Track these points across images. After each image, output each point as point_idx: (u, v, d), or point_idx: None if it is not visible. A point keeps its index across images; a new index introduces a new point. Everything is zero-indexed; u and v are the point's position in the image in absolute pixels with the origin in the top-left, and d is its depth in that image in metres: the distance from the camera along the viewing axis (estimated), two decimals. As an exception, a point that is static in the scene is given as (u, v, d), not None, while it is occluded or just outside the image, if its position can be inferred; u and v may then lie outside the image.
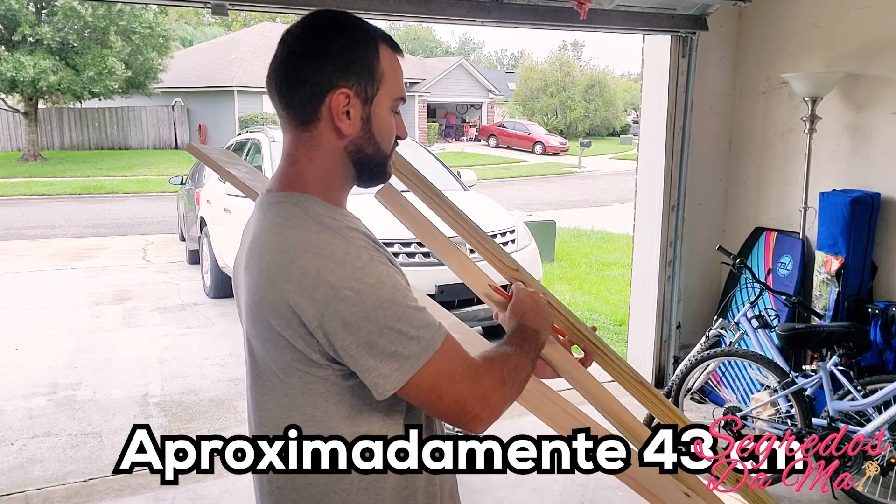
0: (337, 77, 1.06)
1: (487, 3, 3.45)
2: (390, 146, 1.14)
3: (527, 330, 1.20)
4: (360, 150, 1.10)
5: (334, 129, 1.07)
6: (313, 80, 1.06)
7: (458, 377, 1.03)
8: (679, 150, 4.16)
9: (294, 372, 1.05)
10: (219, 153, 1.85)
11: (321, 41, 1.06)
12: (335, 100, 1.06)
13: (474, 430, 1.05)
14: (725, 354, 3.49)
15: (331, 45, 1.06)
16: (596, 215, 12.63)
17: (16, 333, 5.82)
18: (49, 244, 10.17)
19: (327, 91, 1.06)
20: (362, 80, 1.07)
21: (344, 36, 1.07)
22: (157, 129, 25.95)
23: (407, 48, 50.59)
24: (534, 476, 3.39)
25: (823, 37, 3.76)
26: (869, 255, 3.53)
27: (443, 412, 1.04)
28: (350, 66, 1.06)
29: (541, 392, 1.26)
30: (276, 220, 1.05)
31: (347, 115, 1.07)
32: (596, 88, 36.99)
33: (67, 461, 3.60)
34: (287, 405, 1.07)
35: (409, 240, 4.73)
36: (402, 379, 1.00)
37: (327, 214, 1.05)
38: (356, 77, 1.06)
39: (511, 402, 1.11)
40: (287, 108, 1.09)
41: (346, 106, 1.06)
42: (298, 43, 1.07)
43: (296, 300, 0.99)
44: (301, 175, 1.10)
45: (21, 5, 19.13)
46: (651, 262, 4.35)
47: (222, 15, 3.12)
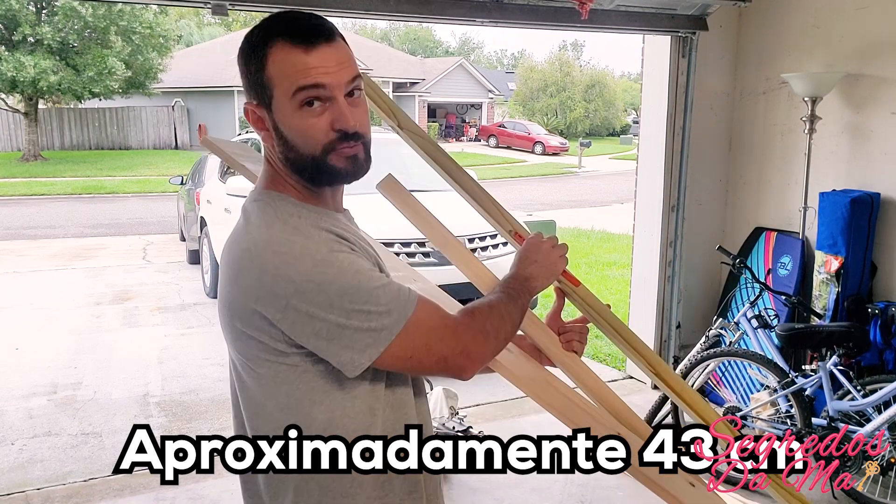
0: (245, 94, 1.12)
1: (487, 3, 3.45)
2: (315, 146, 1.07)
3: (518, 277, 1.24)
4: (287, 158, 1.10)
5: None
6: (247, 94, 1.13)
7: (435, 336, 1.07)
8: (679, 150, 4.16)
9: (263, 363, 1.07)
10: (232, 146, 1.88)
11: (238, 61, 1.12)
12: (246, 115, 1.12)
13: (462, 378, 1.11)
14: (725, 354, 3.50)
15: (239, 66, 1.11)
16: (596, 215, 12.63)
17: (16, 333, 5.82)
18: (49, 244, 10.17)
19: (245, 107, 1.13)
20: (258, 92, 1.09)
21: (242, 54, 1.10)
22: (157, 129, 25.94)
23: (407, 48, 50.58)
24: (534, 476, 3.39)
25: (823, 37, 3.76)
26: (869, 255, 3.53)
27: (427, 370, 1.10)
28: (247, 84, 1.10)
29: (548, 382, 1.26)
30: (248, 218, 1.10)
31: (265, 126, 1.10)
32: (596, 88, 36.99)
33: (67, 461, 3.61)
34: (263, 395, 1.09)
35: (409, 240, 4.73)
36: (378, 350, 1.03)
37: (297, 214, 1.08)
38: (254, 91, 1.09)
39: (498, 350, 1.16)
40: None
41: (260, 119, 1.10)
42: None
43: (256, 297, 1.02)
44: (278, 174, 1.12)
45: (21, 5, 19.13)
46: (651, 262, 4.35)
47: (222, 15, 3.13)
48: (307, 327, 1.01)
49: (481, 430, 3.62)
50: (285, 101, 1.06)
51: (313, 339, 1.02)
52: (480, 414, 4.09)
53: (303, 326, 1.01)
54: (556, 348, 1.34)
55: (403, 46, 51.30)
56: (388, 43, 49.53)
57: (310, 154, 1.07)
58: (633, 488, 3.26)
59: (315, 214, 1.09)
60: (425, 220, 1.38)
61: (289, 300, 1.00)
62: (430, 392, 3.75)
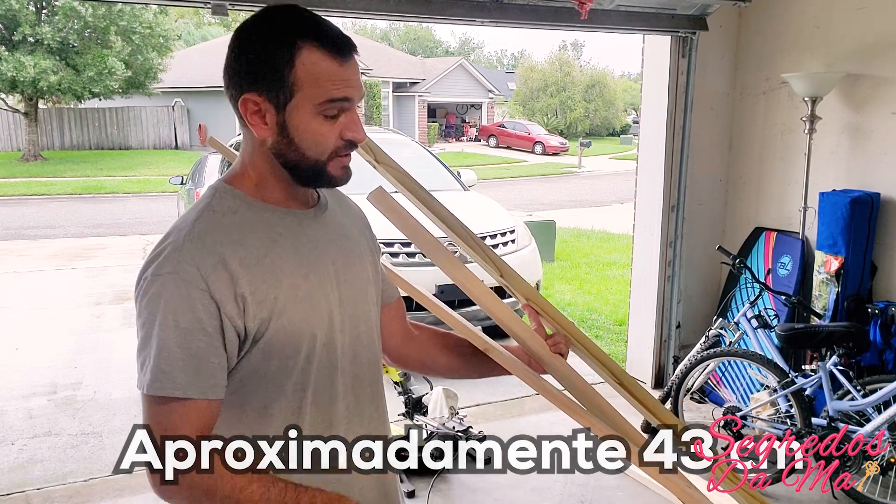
0: (245, 84, 1.06)
1: (487, 3, 3.45)
2: (322, 151, 1.08)
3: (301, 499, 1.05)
4: (282, 155, 1.09)
5: (252, 132, 1.09)
6: (233, 83, 1.08)
7: (156, 433, 1.02)
8: (679, 150, 4.16)
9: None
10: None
11: (240, 48, 1.07)
12: (243, 105, 1.07)
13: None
14: (725, 354, 3.50)
15: (246, 51, 1.06)
16: (596, 215, 12.62)
17: (16, 333, 5.82)
18: (49, 244, 10.16)
19: (239, 95, 1.07)
20: (272, 87, 1.05)
21: (257, 42, 1.06)
22: (157, 129, 25.93)
23: (407, 48, 50.56)
24: (534, 476, 3.38)
25: (823, 37, 3.76)
26: (869, 255, 3.53)
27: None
28: (258, 74, 1.05)
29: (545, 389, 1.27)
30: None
31: (263, 121, 1.07)
32: (596, 88, 36.96)
33: (67, 461, 3.61)
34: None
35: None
36: (140, 387, 1.03)
37: (223, 209, 1.08)
38: (265, 84, 1.05)
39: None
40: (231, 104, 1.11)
41: (259, 112, 1.06)
42: (230, 43, 1.09)
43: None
44: (240, 167, 1.13)
45: (21, 5, 19.11)
46: (651, 261, 4.35)
47: (222, 15, 3.12)
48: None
49: (481, 430, 3.62)
50: (308, 105, 1.05)
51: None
52: (481, 414, 4.09)
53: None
54: (545, 351, 1.35)
55: (403, 46, 51.27)
56: (388, 43, 49.50)
57: (315, 158, 1.08)
58: (633, 488, 3.26)
59: (251, 212, 1.09)
60: (414, 229, 1.38)
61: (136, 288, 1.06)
62: (430, 392, 3.75)
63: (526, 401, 4.26)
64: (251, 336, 1.05)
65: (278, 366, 1.08)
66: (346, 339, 1.15)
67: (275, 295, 1.06)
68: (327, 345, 1.12)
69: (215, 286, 1.01)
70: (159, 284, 1.00)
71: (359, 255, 1.22)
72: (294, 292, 1.07)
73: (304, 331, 1.08)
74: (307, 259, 1.11)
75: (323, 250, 1.14)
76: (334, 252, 1.16)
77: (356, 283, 1.18)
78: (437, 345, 1.39)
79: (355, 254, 1.21)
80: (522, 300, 1.40)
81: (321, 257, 1.13)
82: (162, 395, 1.01)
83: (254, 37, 1.06)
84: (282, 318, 1.06)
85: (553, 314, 1.43)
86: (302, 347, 1.09)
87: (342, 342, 1.14)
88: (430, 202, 1.45)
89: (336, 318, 1.13)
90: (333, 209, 1.22)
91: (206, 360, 1.01)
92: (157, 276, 1.01)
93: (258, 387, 1.09)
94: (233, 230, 1.06)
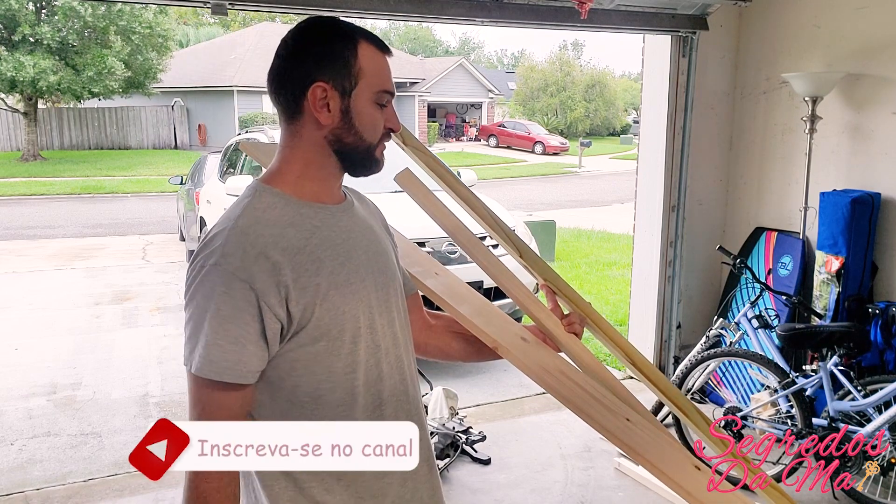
0: (315, 72, 1.16)
1: (487, 3, 3.45)
2: (375, 136, 1.20)
3: None
4: (339, 140, 1.18)
5: (315, 120, 1.17)
6: (296, 76, 1.17)
7: (191, 412, 1.11)
8: (679, 150, 4.16)
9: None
10: (269, 147, 1.93)
11: (302, 43, 1.18)
12: (312, 92, 1.16)
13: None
14: (726, 354, 3.49)
15: (310, 46, 1.17)
16: (596, 215, 12.62)
17: (16, 333, 5.82)
18: (49, 244, 10.16)
19: (307, 85, 1.16)
20: (338, 74, 1.16)
21: (322, 37, 1.18)
22: (157, 129, 25.94)
23: (407, 48, 50.56)
24: (534, 476, 3.39)
25: (823, 37, 3.76)
26: (869, 255, 3.53)
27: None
28: (326, 63, 1.16)
29: (561, 371, 1.34)
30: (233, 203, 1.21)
31: (327, 108, 1.16)
32: (596, 88, 36.96)
33: (67, 461, 3.60)
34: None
35: (421, 239, 4.71)
36: (186, 365, 1.11)
37: (263, 205, 1.16)
38: (332, 72, 1.16)
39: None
40: (278, 105, 1.20)
41: (325, 98, 1.16)
42: (284, 46, 1.19)
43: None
44: (279, 166, 1.21)
45: (21, 5, 19.11)
46: (651, 262, 4.35)
47: (222, 15, 3.13)
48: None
49: (481, 431, 3.62)
50: (368, 93, 1.17)
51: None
52: (481, 414, 4.09)
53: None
54: (560, 330, 1.44)
55: (403, 46, 51.29)
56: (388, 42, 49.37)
57: (369, 142, 1.20)
58: (633, 488, 3.26)
59: (289, 208, 1.17)
60: (440, 211, 1.46)
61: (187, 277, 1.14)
62: (430, 392, 3.75)
63: (525, 401, 4.26)
64: (296, 321, 1.12)
65: (326, 348, 1.15)
66: (385, 321, 1.23)
67: (317, 281, 1.14)
68: (370, 327, 1.20)
69: (257, 276, 1.09)
70: (204, 274, 1.10)
71: (384, 247, 1.31)
72: (334, 278, 1.15)
73: (348, 314, 1.16)
74: (342, 248, 1.19)
75: (355, 241, 1.22)
76: (365, 243, 1.24)
77: (385, 271, 1.27)
78: (453, 332, 1.49)
79: (381, 245, 1.30)
80: (541, 280, 1.51)
81: (354, 247, 1.21)
82: (206, 378, 1.09)
83: (315, 34, 1.18)
84: (326, 303, 1.14)
85: (570, 294, 1.53)
86: (347, 329, 1.16)
87: (381, 324, 1.22)
88: (455, 185, 1.53)
89: (374, 301, 1.21)
90: (357, 206, 1.30)
91: (244, 347, 1.09)
92: (202, 266, 1.10)
93: (307, 370, 1.15)
94: (273, 224, 1.14)
